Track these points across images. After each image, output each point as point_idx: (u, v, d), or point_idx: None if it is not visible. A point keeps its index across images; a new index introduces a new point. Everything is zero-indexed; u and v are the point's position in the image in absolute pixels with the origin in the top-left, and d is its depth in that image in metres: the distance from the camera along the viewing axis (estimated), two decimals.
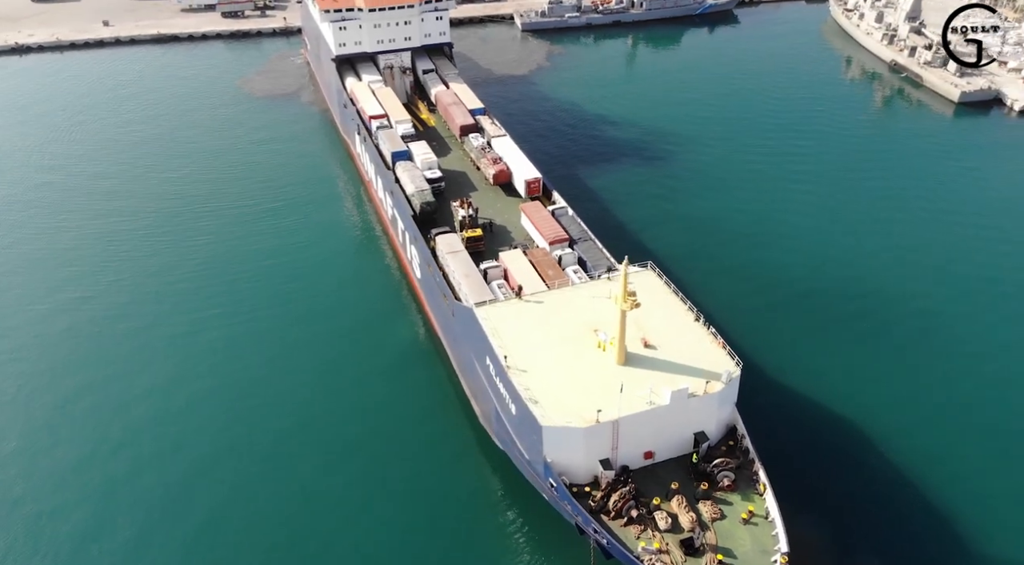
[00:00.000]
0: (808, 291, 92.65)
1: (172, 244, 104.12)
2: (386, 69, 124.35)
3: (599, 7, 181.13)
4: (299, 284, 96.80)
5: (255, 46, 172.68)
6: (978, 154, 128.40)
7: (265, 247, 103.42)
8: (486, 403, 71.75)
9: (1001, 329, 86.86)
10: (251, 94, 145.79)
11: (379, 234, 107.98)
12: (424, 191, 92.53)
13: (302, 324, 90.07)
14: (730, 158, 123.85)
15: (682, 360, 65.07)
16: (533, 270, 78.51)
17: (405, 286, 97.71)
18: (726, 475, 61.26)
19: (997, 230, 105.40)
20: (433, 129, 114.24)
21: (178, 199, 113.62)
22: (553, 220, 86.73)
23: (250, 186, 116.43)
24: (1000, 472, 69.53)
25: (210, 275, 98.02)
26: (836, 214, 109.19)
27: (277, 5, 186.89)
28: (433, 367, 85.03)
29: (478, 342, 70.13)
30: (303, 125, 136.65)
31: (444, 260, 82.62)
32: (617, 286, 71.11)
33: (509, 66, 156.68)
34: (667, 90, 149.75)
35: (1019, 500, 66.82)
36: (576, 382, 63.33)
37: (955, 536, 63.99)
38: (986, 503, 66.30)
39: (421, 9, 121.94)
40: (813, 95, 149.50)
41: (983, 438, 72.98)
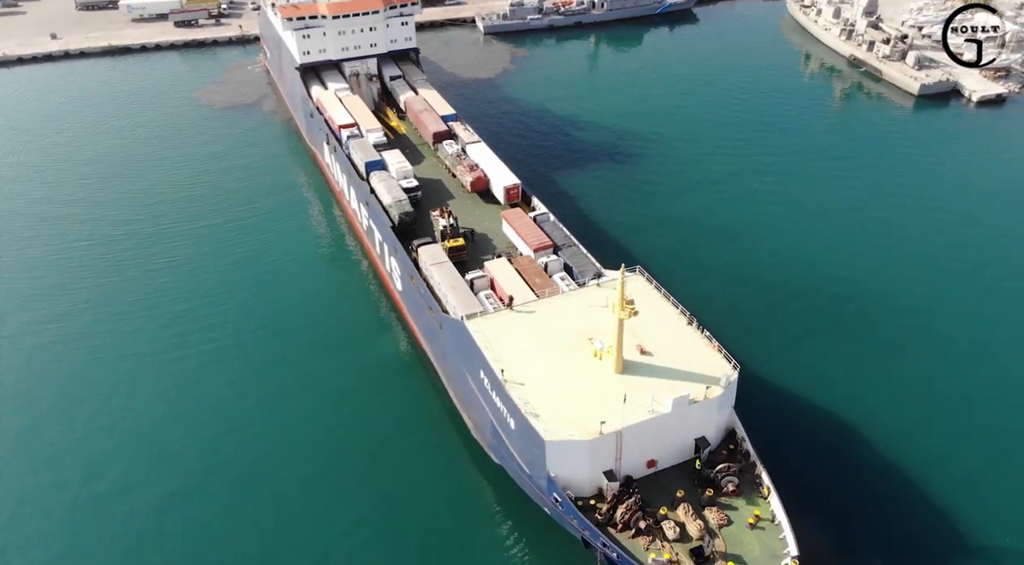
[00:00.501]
0: (791, 288, 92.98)
1: (135, 264, 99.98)
2: (352, 77, 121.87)
3: (561, 8, 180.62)
4: (273, 301, 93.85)
5: (211, 56, 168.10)
6: (944, 144, 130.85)
7: (234, 264, 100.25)
8: (480, 417, 70.23)
9: (989, 322, 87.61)
10: (210, 105, 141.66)
11: (353, 246, 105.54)
12: (402, 201, 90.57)
13: (279, 343, 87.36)
14: (700, 156, 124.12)
15: (679, 366, 64.44)
16: (520, 279, 77.25)
17: (384, 299, 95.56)
18: (730, 480, 60.78)
19: (974, 220, 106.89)
20: (404, 137, 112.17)
21: (137, 217, 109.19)
22: (536, 227, 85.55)
23: (215, 201, 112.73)
24: (999, 467, 70.12)
25: (177, 295, 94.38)
26: (812, 209, 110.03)
27: (232, 13, 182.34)
28: (419, 381, 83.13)
29: (470, 355, 68.57)
30: (266, 136, 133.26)
31: (428, 272, 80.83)
32: (609, 293, 70.90)
33: (474, 70, 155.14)
34: (633, 90, 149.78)
35: (1019, 496, 67.41)
36: (575, 393, 62.22)
37: (958, 533, 64.27)
38: (987, 499, 66.71)
39: (386, 15, 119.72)
40: (776, 91, 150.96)
41: (979, 434, 73.34)
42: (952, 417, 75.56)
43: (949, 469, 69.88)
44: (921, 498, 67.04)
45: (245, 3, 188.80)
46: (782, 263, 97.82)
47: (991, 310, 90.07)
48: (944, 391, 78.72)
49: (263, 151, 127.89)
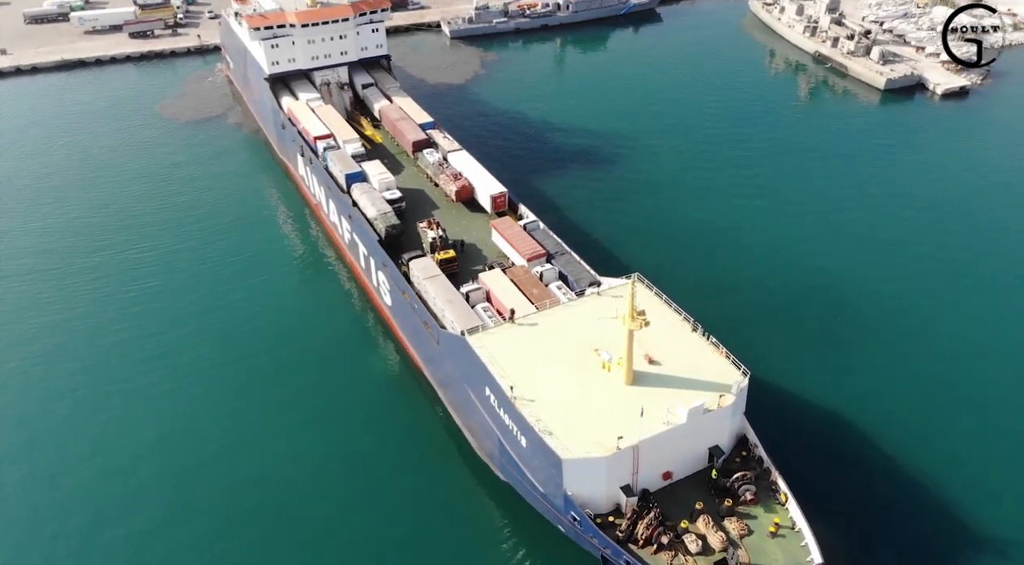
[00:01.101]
0: (783, 288, 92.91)
1: (104, 290, 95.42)
2: (323, 86, 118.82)
3: (526, 11, 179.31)
4: (254, 322, 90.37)
5: (169, 67, 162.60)
6: (917, 137, 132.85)
7: (210, 285, 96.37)
8: (486, 435, 68.29)
9: (986, 316, 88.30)
10: (174, 119, 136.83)
11: (334, 261, 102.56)
12: (387, 214, 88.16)
13: (264, 365, 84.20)
14: (679, 157, 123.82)
15: (689, 374, 63.47)
16: (517, 290, 75.55)
17: (371, 314, 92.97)
18: (748, 489, 59.98)
19: (961, 212, 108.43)
20: (381, 146, 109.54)
21: (106, 242, 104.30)
22: (527, 236, 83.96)
23: (187, 220, 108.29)
24: (1010, 465, 70.52)
25: (152, 321, 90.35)
26: (797, 207, 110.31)
27: (189, 22, 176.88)
28: (415, 399, 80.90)
29: (474, 372, 66.63)
30: (235, 149, 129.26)
31: (421, 286, 78.60)
32: (611, 302, 69.84)
33: (444, 75, 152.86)
34: (604, 91, 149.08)
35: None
36: (587, 407, 60.82)
37: (975, 531, 64.27)
38: (1001, 498, 67.08)
39: (356, 22, 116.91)
40: (746, 88, 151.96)
41: (984, 429, 73.92)
42: (946, 408, 76.31)
43: (961, 465, 70.10)
44: (936, 496, 67.07)
45: (202, 12, 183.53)
46: (772, 262, 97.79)
47: (987, 303, 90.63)
48: (935, 381, 79.55)
49: (233, 165, 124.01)
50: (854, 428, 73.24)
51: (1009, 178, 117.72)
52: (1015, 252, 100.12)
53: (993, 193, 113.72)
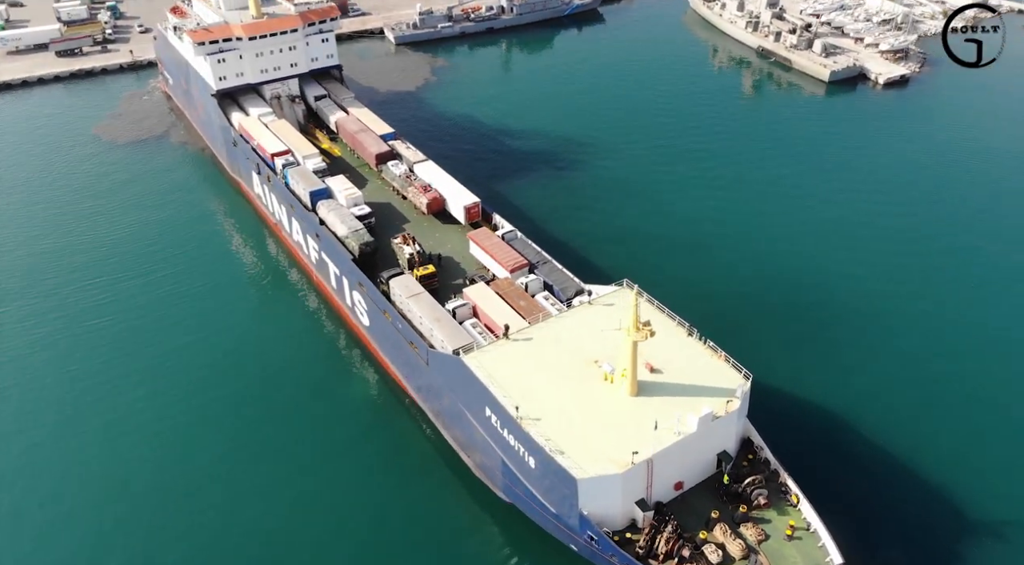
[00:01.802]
0: (763, 285, 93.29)
1: (55, 329, 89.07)
2: (273, 99, 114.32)
3: (471, 15, 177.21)
4: (218, 354, 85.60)
5: (100, 86, 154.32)
6: (869, 125, 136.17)
7: (167, 318, 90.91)
8: (487, 456, 66.13)
9: (975, 307, 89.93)
10: (113, 141, 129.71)
11: (299, 282, 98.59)
12: (359, 231, 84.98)
13: (235, 399, 79.86)
14: (637, 157, 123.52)
15: (692, 381, 62.72)
16: (505, 304, 73.59)
17: (345, 336, 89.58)
18: (760, 493, 59.47)
19: (932, 199, 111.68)
20: (341, 160, 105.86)
21: (53, 276, 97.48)
22: (507, 246, 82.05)
23: (136, 249, 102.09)
24: (1014, 453, 71.61)
25: (110, 359, 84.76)
26: (762, 202, 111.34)
27: (119, 38, 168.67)
28: (403, 422, 78.12)
29: (471, 392, 64.43)
30: (181, 169, 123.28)
31: (404, 305, 75.83)
32: (602, 310, 68.70)
33: (395, 83, 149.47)
34: (555, 93, 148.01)
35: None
36: (594, 422, 59.36)
37: (987, 523, 65.01)
38: (1008, 487, 68.17)
39: (305, 32, 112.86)
40: (695, 85, 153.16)
41: (985, 425, 75.00)
42: (938, 397, 77.64)
43: (963, 456, 70.97)
44: (944, 488, 67.56)
45: (131, 26, 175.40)
46: (749, 258, 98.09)
47: (977, 292, 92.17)
48: (919, 369, 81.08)
49: (181, 186, 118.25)
50: (854, 423, 73.72)
51: (968, 157, 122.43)
52: (996, 234, 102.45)
53: (956, 174, 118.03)
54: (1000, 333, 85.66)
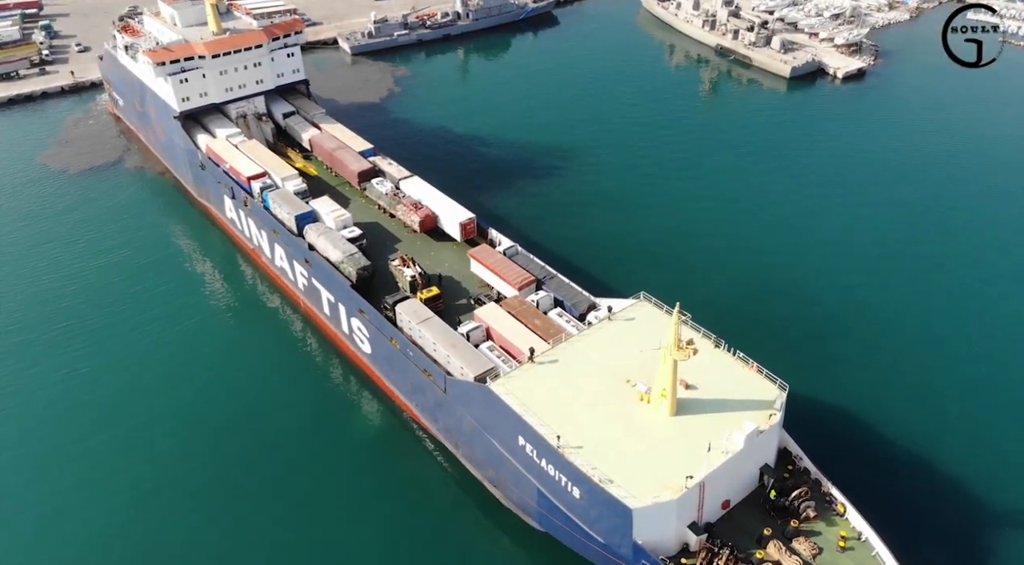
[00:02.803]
0: (763, 287, 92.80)
1: (26, 379, 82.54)
2: (239, 118, 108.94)
3: (427, 22, 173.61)
4: (212, 394, 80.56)
5: (39, 111, 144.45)
6: (836, 119, 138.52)
7: (146, 357, 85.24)
8: (518, 486, 63.40)
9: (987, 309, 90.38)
10: (63, 170, 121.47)
11: (283, 311, 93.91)
12: (354, 255, 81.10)
13: (232, 441, 75.21)
14: (614, 161, 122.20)
15: (728, 395, 61.26)
16: (519, 324, 70.87)
17: (340, 366, 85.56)
18: (808, 505, 58.27)
19: (917, 192, 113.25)
20: (318, 179, 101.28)
21: (14, 327, 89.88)
22: (511, 263, 79.38)
23: (104, 286, 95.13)
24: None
25: (83, 413, 78.30)
26: (743, 202, 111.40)
27: (57, 58, 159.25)
28: (418, 456, 74.71)
29: (500, 421, 61.68)
30: (142, 197, 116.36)
31: (413, 330, 72.38)
32: (625, 326, 66.84)
33: (357, 94, 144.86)
34: (520, 100, 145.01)
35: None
36: (638, 446, 57.33)
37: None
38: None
39: (270, 47, 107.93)
40: (659, 86, 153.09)
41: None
42: (950, 391, 78.08)
43: (1014, 454, 71.23)
44: (990, 483, 67.81)
45: (68, 46, 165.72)
46: (748, 264, 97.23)
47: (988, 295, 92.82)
48: (921, 366, 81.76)
49: (144, 214, 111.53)
50: (887, 424, 73.39)
51: (939, 143, 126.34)
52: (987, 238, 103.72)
53: (935, 161, 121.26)
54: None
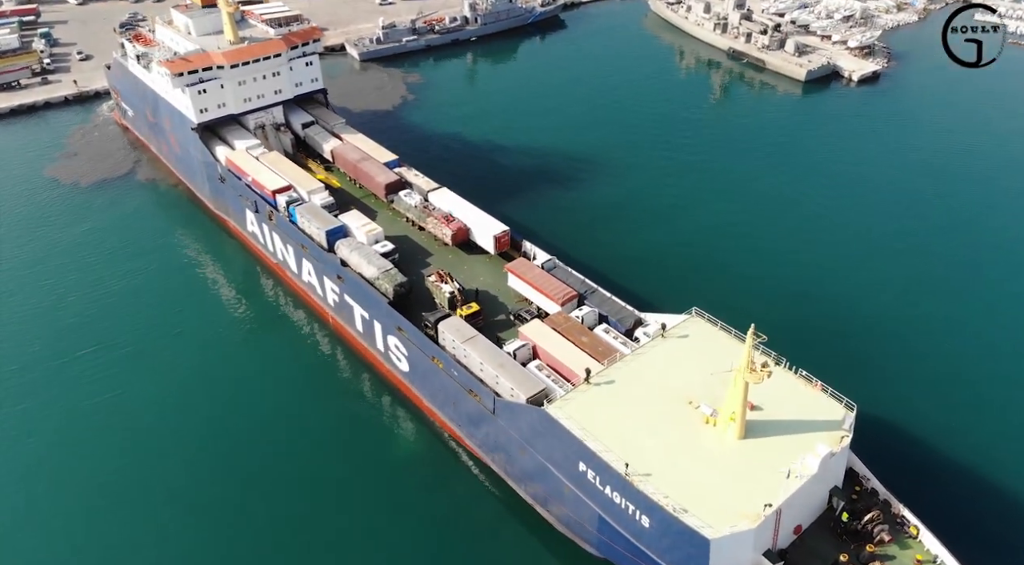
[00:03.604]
0: (812, 296, 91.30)
1: (41, 403, 79.76)
2: (257, 129, 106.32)
3: (435, 27, 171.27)
4: (244, 418, 77.84)
5: (42, 122, 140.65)
6: (861, 122, 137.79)
7: (173, 375, 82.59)
8: (577, 511, 61.22)
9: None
10: (74, 184, 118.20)
11: (311, 327, 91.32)
12: (390, 271, 78.69)
13: (265, 462, 72.95)
14: (638, 167, 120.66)
15: (794, 416, 59.34)
16: (567, 341, 68.68)
17: (374, 384, 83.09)
18: (883, 528, 56.38)
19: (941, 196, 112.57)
20: (342, 192, 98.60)
21: (30, 347, 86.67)
22: (551, 277, 77.23)
23: (127, 307, 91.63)
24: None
25: (116, 437, 75.64)
26: (779, 208, 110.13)
27: (58, 67, 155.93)
28: (461, 477, 72.52)
29: (558, 445, 59.53)
30: (158, 209, 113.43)
31: (458, 349, 70.06)
32: (679, 344, 64.86)
33: (370, 101, 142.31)
34: (536, 106, 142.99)
35: None
36: (708, 472, 55.27)
37: None
38: None
39: (288, 56, 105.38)
40: (673, 92, 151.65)
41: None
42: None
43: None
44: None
45: (68, 54, 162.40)
46: (788, 268, 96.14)
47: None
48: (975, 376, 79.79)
49: (161, 230, 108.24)
50: (952, 440, 71.64)
51: (968, 144, 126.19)
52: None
53: (968, 163, 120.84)
54: None
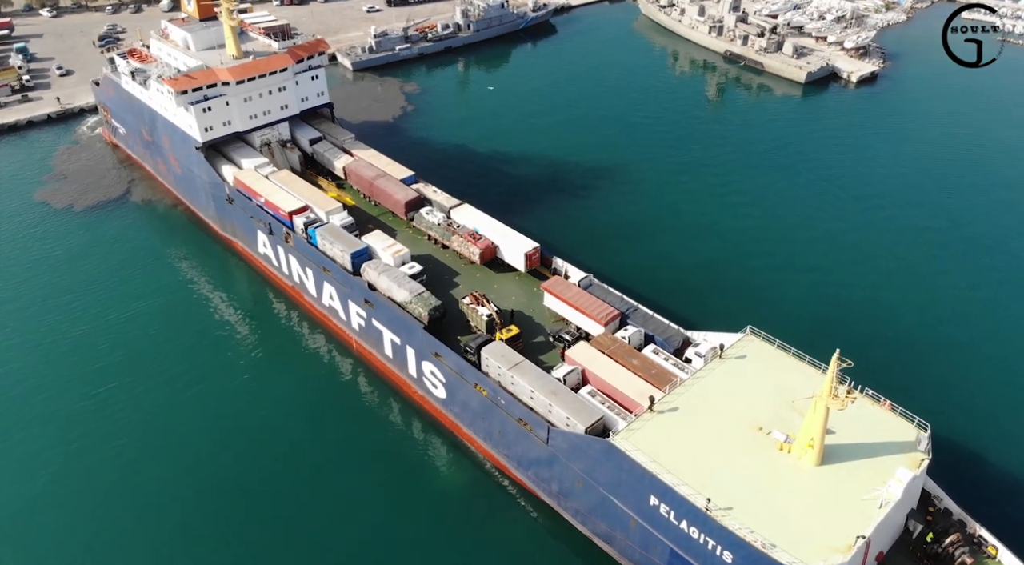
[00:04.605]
0: (850, 311, 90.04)
1: (54, 449, 75.44)
2: (263, 147, 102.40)
3: (428, 34, 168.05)
4: (272, 448, 74.61)
5: (26, 143, 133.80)
6: (869, 123, 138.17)
7: (198, 413, 78.60)
8: (647, 546, 58.74)
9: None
10: (67, 209, 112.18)
11: (332, 353, 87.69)
12: (423, 294, 75.59)
13: (313, 502, 69.56)
14: (649, 176, 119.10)
15: (868, 438, 57.63)
16: (617, 365, 66.21)
17: (403, 411, 79.91)
18: (964, 551, 54.70)
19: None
20: (357, 210, 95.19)
21: (39, 390, 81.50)
22: (591, 296, 74.62)
23: (138, 339, 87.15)
24: None
25: (139, 482, 71.60)
26: (801, 219, 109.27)
27: (38, 83, 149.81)
28: (507, 507, 69.91)
29: (626, 478, 57.12)
30: (159, 234, 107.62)
31: (504, 376, 67.21)
32: (739, 365, 62.86)
33: (369, 113, 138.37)
34: (537, 113, 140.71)
35: None
36: (791, 502, 53.21)
37: None
38: None
39: (294, 70, 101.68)
40: (673, 95, 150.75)
41: None
42: None
43: None
44: None
45: (47, 70, 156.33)
46: (827, 282, 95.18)
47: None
48: None
49: (165, 255, 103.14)
50: (1018, 451, 70.35)
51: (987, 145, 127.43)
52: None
53: (989, 165, 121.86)
54: None
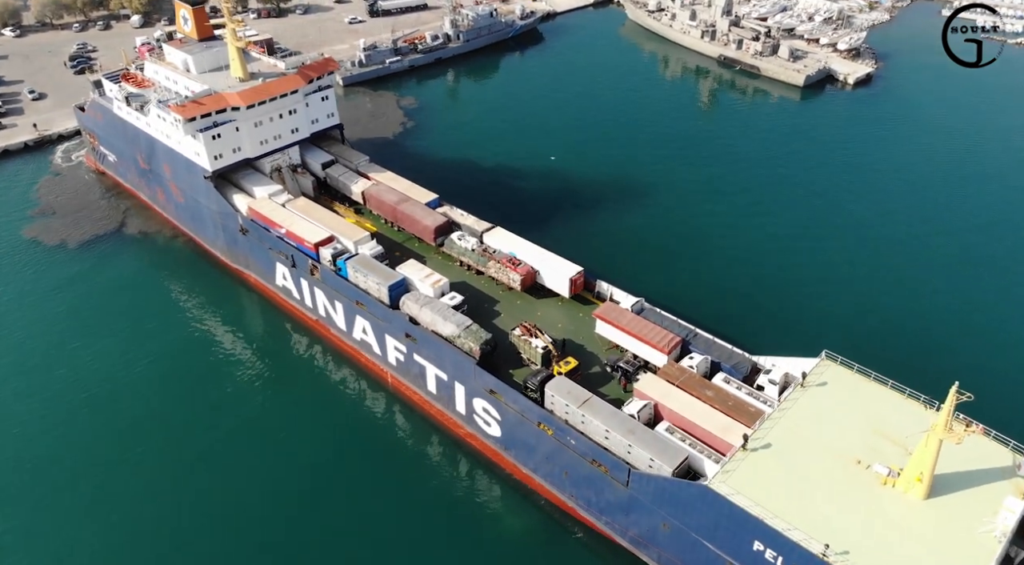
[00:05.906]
0: (897, 320, 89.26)
1: (72, 512, 70.45)
2: (274, 172, 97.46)
3: (418, 46, 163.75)
4: (319, 492, 70.99)
5: (4, 174, 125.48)
6: (872, 124, 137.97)
7: (223, 452, 74.92)
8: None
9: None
10: (60, 246, 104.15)
11: (361, 389, 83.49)
12: (471, 327, 71.85)
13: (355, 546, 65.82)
14: (663, 186, 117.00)
15: (966, 466, 55.69)
16: (691, 397, 63.35)
17: (448, 452, 76.14)
18: None
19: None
20: (380, 236, 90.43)
21: (48, 449, 75.80)
22: (648, 322, 71.56)
23: (155, 387, 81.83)
24: None
25: (182, 534, 67.60)
26: (825, 225, 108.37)
27: (10, 109, 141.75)
28: (581, 557, 66.15)
29: (724, 523, 54.25)
30: (163, 270, 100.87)
31: (572, 414, 63.82)
32: (821, 393, 60.69)
33: (369, 130, 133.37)
34: (541, 122, 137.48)
35: None
36: (909, 542, 50.93)
37: None
38: None
39: (305, 91, 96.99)
40: (672, 102, 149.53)
41: None
42: None
43: None
44: None
45: (18, 93, 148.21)
46: (871, 294, 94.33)
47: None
48: None
49: (174, 292, 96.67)
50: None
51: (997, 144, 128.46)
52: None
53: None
54: None
